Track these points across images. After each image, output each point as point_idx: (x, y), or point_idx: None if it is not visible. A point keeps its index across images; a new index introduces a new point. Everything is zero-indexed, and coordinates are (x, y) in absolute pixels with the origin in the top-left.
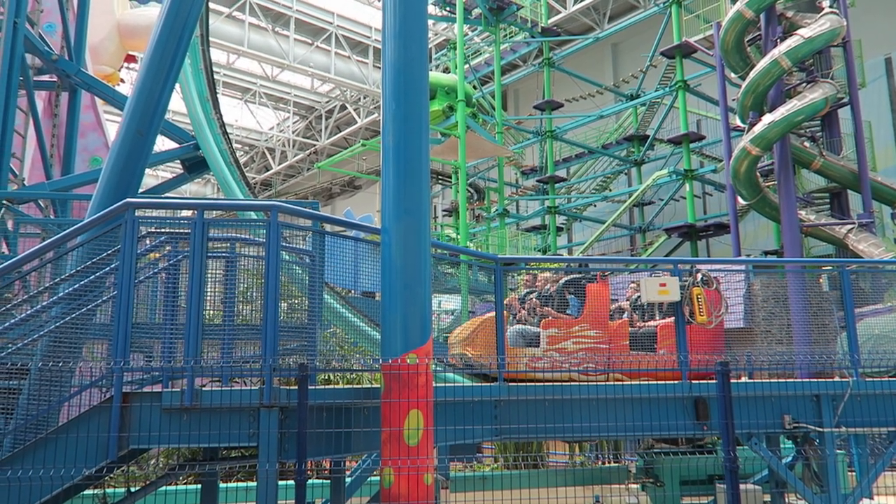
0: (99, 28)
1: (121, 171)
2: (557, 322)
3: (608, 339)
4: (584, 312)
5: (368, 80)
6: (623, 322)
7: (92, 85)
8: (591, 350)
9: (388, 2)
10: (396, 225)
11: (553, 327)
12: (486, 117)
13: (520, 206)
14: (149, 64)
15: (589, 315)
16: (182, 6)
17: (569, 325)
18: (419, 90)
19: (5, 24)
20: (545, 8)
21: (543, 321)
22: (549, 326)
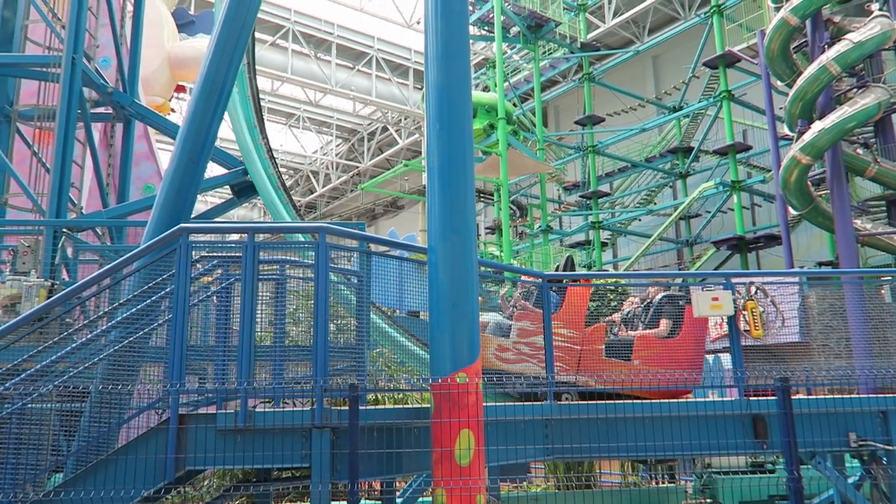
0: (150, 60)
1: (174, 197)
2: (530, 316)
3: (581, 340)
4: (560, 310)
5: (409, 102)
6: (599, 326)
7: (145, 115)
8: (561, 349)
9: (430, 24)
10: (443, 244)
11: (526, 320)
12: (527, 134)
13: (563, 222)
14: (199, 94)
15: (565, 314)
16: (230, 37)
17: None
18: (463, 110)
19: (64, 60)
20: (584, 24)
21: (517, 313)
22: (521, 319)
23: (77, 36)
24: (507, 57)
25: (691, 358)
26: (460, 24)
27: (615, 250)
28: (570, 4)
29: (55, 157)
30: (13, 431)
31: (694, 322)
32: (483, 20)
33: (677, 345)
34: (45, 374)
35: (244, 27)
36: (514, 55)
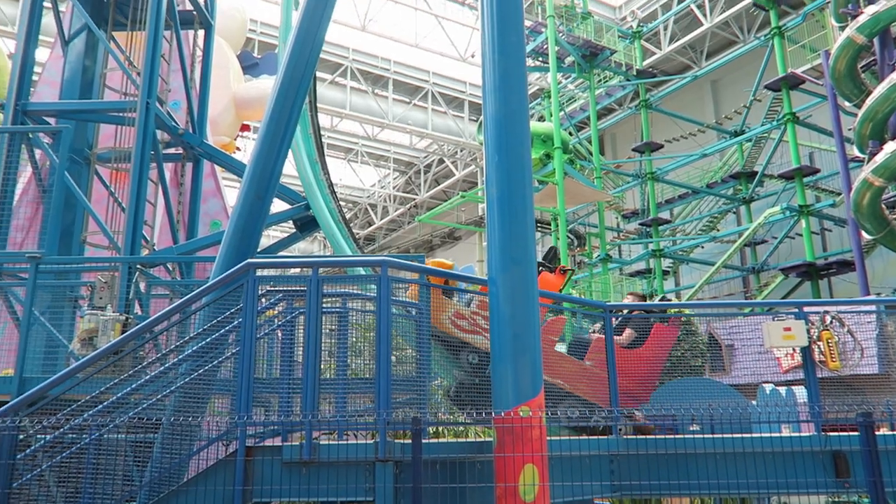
0: (217, 102)
1: (241, 233)
2: None
3: None
4: None
5: (465, 134)
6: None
7: (213, 155)
8: None
9: (487, 57)
10: (503, 275)
11: None
12: (584, 163)
13: (622, 250)
14: (265, 133)
15: None
16: (293, 79)
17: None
18: (521, 141)
19: (139, 105)
20: (639, 51)
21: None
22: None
23: (151, 82)
24: (562, 86)
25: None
26: (517, 57)
27: (677, 279)
28: (625, 32)
29: (130, 197)
30: (90, 461)
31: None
32: (537, 51)
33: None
34: (119, 405)
35: (307, 69)
36: (569, 84)
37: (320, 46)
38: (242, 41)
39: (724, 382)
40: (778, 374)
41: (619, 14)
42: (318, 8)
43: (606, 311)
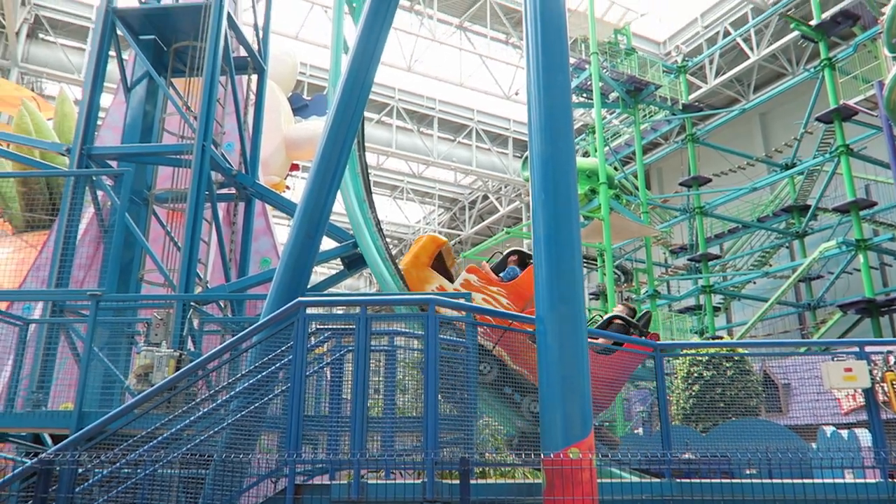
0: (269, 143)
1: (292, 271)
2: (481, 273)
3: None
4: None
5: (509, 170)
6: None
7: (265, 195)
8: None
9: (533, 97)
10: (551, 314)
11: (475, 275)
12: (630, 198)
13: (671, 286)
14: (315, 174)
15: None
16: (343, 121)
17: (490, 281)
18: (568, 180)
19: (196, 147)
20: (685, 85)
21: (469, 266)
22: (472, 272)
23: (207, 126)
24: (606, 122)
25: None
26: (563, 96)
27: (729, 315)
28: (669, 67)
29: (185, 236)
30: (144, 495)
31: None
32: (581, 87)
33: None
34: (173, 441)
35: (356, 111)
36: (613, 120)
37: (369, 89)
38: (293, 84)
39: (781, 424)
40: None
41: (663, 49)
42: (367, 52)
43: (657, 352)
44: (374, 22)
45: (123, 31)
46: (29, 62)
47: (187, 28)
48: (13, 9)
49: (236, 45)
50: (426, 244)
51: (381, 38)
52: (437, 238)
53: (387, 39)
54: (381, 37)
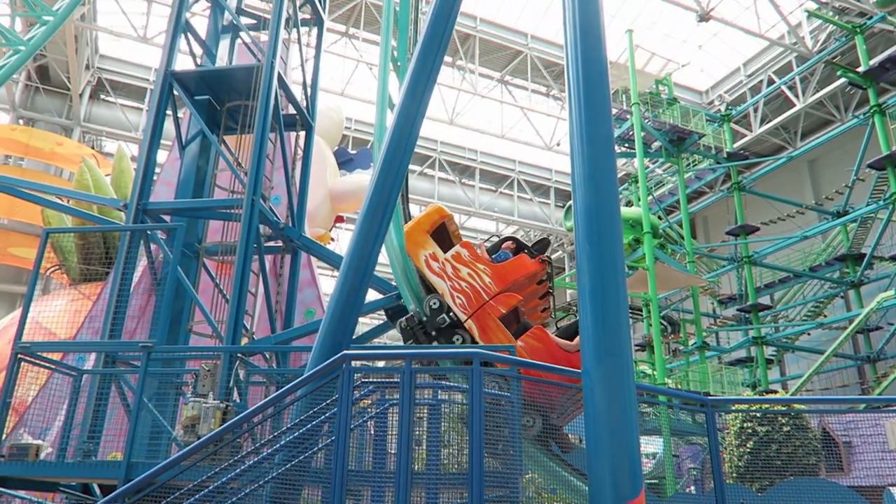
0: (315, 196)
1: (336, 323)
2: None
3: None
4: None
5: (551, 220)
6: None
7: (311, 247)
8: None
9: (576, 149)
10: (598, 368)
11: (468, 250)
12: (675, 247)
13: (720, 337)
14: (360, 228)
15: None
16: (388, 175)
17: (478, 259)
18: (613, 232)
19: (245, 202)
20: (729, 133)
21: (464, 241)
22: (465, 247)
23: (256, 181)
24: (649, 171)
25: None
26: (606, 149)
27: (783, 368)
28: (713, 116)
29: (233, 289)
30: None
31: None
32: (623, 137)
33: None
34: (218, 493)
35: (401, 165)
36: (656, 169)
37: (414, 144)
38: (339, 138)
39: (843, 484)
40: None
41: (706, 98)
42: (412, 109)
43: (708, 407)
44: (419, 80)
45: (180, 92)
46: (91, 122)
47: (240, 88)
48: (78, 72)
49: (285, 103)
50: (430, 213)
51: (425, 96)
52: (443, 210)
53: (431, 96)
54: (425, 94)
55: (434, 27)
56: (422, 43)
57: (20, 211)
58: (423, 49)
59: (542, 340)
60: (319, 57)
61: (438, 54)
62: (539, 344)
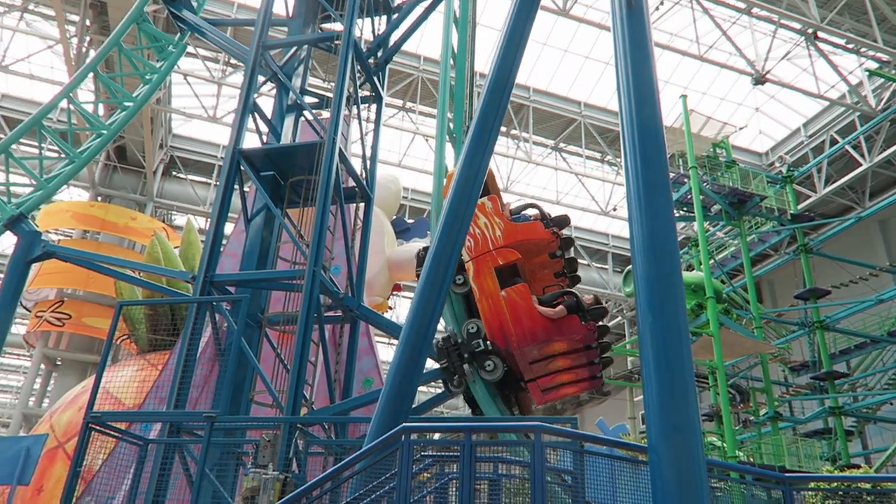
0: (373, 265)
1: (396, 394)
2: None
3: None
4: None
5: (609, 285)
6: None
7: (370, 316)
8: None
9: (634, 217)
10: (665, 443)
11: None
12: (741, 312)
13: (794, 407)
14: (419, 298)
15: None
16: (447, 244)
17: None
18: (675, 300)
19: (307, 273)
20: (792, 195)
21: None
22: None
23: (318, 253)
24: (710, 234)
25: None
26: (665, 215)
27: (864, 440)
28: (774, 178)
29: (294, 358)
30: None
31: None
32: (682, 201)
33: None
34: None
35: (459, 235)
36: (717, 232)
37: (472, 215)
38: (396, 208)
39: None
40: None
41: (765, 160)
42: (469, 180)
43: (785, 484)
44: (476, 151)
45: (247, 168)
46: (162, 197)
47: (303, 163)
48: (153, 151)
49: (346, 176)
50: None
51: (482, 166)
52: None
53: (487, 167)
54: (482, 165)
55: (490, 100)
56: (478, 115)
57: (95, 282)
58: (479, 121)
59: (523, 297)
60: (378, 132)
61: (494, 126)
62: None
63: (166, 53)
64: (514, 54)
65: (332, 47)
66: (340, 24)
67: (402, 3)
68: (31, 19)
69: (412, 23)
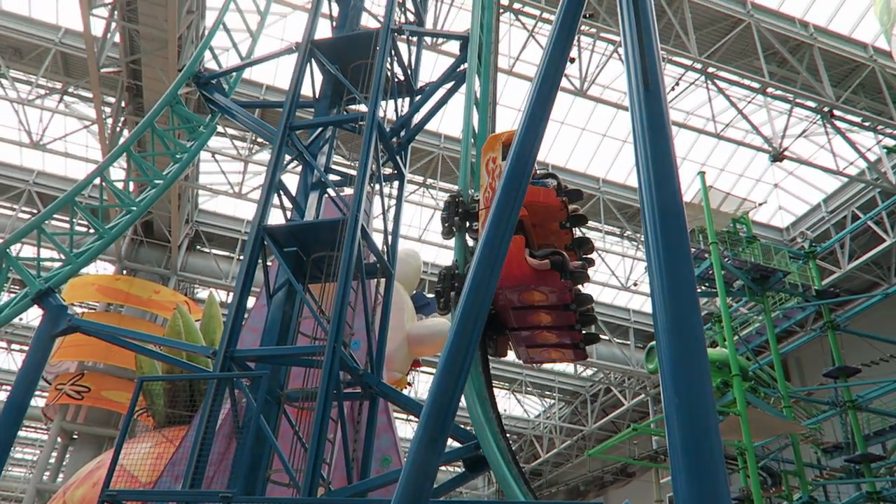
0: (393, 340)
1: (415, 477)
2: None
3: None
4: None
5: (631, 361)
6: None
7: (389, 393)
8: None
9: (657, 296)
10: None
11: None
12: (768, 390)
13: (829, 491)
14: (440, 377)
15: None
16: (467, 324)
17: None
18: (701, 382)
19: (327, 349)
20: (816, 271)
21: None
22: None
23: (338, 329)
24: (732, 310)
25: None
26: (688, 293)
27: None
28: (796, 253)
29: (312, 436)
30: None
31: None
32: (703, 277)
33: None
34: None
35: (479, 314)
36: (740, 308)
37: (492, 293)
38: (416, 283)
39: None
40: None
41: (787, 235)
42: (489, 261)
43: None
44: (496, 230)
45: (271, 245)
46: (186, 270)
47: (325, 240)
48: (179, 226)
49: (367, 252)
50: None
51: (503, 246)
52: None
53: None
54: (503, 244)
55: (511, 180)
56: (499, 193)
57: (115, 356)
58: (500, 198)
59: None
60: (400, 209)
61: (515, 206)
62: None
63: (197, 134)
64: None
65: (357, 127)
66: (365, 105)
67: (424, 86)
68: (70, 101)
69: (434, 104)
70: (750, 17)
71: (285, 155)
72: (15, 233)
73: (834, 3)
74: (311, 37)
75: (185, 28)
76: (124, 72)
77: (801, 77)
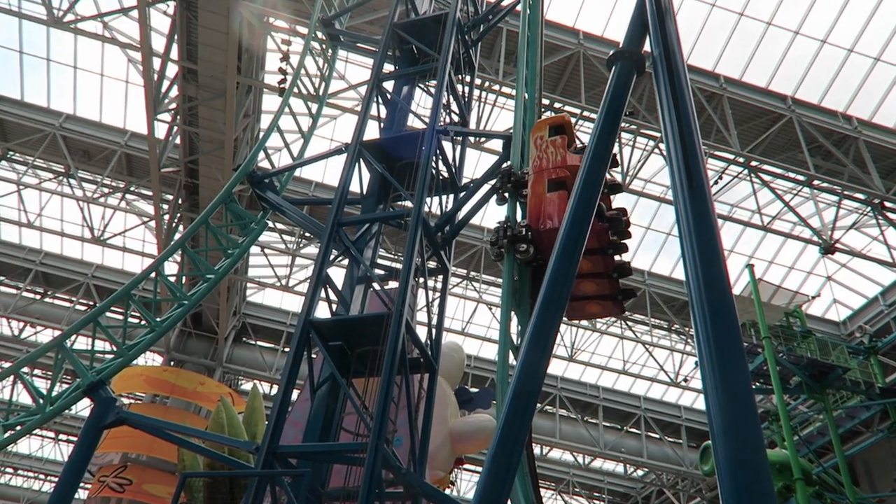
0: (436, 436)
1: None
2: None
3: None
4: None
5: (685, 462)
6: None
7: (432, 494)
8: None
9: (710, 393)
10: None
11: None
12: (835, 496)
13: None
14: (486, 476)
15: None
16: (515, 419)
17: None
18: (764, 488)
19: (370, 447)
20: (878, 367)
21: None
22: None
23: (381, 426)
24: (790, 408)
25: None
26: (743, 389)
27: None
28: (856, 349)
29: None
30: None
31: None
32: (757, 372)
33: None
34: None
35: (527, 410)
36: (799, 405)
37: (540, 385)
38: (460, 377)
39: None
40: None
41: (844, 330)
42: (537, 350)
43: None
44: (541, 333)
45: (316, 339)
46: (231, 362)
47: (370, 334)
48: (226, 319)
49: (411, 346)
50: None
51: (548, 345)
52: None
53: (554, 346)
54: (548, 343)
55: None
56: (542, 296)
57: (158, 448)
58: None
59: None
60: (444, 303)
61: (558, 313)
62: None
63: (249, 230)
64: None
65: (402, 223)
66: (410, 201)
67: (468, 183)
68: (131, 198)
69: (477, 200)
70: (791, 112)
71: (332, 250)
72: (72, 325)
73: (876, 96)
74: (360, 138)
75: (241, 130)
76: (182, 171)
77: (847, 169)
